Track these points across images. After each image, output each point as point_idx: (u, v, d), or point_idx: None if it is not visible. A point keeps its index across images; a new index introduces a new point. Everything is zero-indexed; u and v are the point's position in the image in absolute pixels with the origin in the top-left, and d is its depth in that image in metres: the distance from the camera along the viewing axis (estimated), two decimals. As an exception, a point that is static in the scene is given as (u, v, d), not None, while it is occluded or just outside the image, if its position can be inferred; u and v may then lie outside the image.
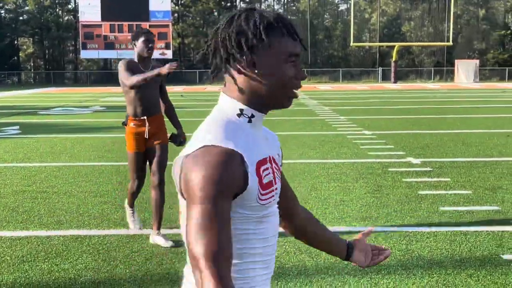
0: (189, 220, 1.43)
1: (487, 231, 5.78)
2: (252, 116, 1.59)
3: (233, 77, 1.56)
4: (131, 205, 5.75)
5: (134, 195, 5.69)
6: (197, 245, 1.39)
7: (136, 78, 5.03)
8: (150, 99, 5.35)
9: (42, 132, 15.26)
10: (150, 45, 5.25)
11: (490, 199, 7.06)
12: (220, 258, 1.37)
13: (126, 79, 5.09)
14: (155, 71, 4.98)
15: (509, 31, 65.55)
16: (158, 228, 5.42)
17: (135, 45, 5.27)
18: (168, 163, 5.27)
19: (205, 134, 1.52)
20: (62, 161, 10.37)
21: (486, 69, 60.04)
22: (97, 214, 6.57)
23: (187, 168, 1.46)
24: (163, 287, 4.41)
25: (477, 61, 57.12)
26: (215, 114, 1.59)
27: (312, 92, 36.48)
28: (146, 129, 5.32)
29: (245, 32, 1.51)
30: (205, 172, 1.42)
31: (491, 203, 6.86)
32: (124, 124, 5.44)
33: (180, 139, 5.62)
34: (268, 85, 1.56)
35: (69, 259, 5.03)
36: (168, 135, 5.59)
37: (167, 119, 5.66)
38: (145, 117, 5.32)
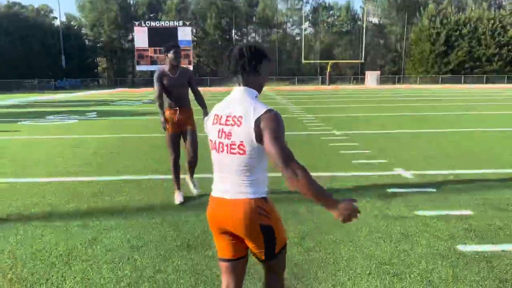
0: (279, 140, 1.71)
1: (379, 174, 5.80)
2: (257, 97, 1.86)
3: (251, 79, 1.84)
4: (178, 187, 4.78)
5: (175, 167, 4.75)
6: (286, 154, 1.71)
7: (156, 101, 4.62)
8: (179, 96, 4.62)
9: (111, 116, 14.99)
10: (178, 55, 4.57)
11: (382, 155, 7.06)
12: (301, 165, 1.74)
13: (154, 92, 4.65)
14: (161, 119, 4.60)
15: (398, 53, 65.36)
16: (191, 177, 4.83)
17: (167, 56, 4.55)
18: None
19: (257, 105, 1.77)
20: (122, 134, 10.21)
21: (384, 77, 59.92)
22: (142, 165, 6.49)
23: (271, 121, 1.72)
24: (182, 209, 4.37)
25: (379, 72, 56.99)
26: (246, 94, 1.82)
27: (278, 91, 36.25)
28: (177, 116, 4.61)
29: (264, 55, 1.85)
30: (281, 122, 1.75)
31: (382, 158, 6.86)
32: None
33: (205, 116, 5.08)
34: (261, 82, 1.88)
35: (123, 194, 4.97)
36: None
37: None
38: (177, 108, 4.62)
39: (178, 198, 4.67)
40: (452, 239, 3.53)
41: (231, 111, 1.79)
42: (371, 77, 55.06)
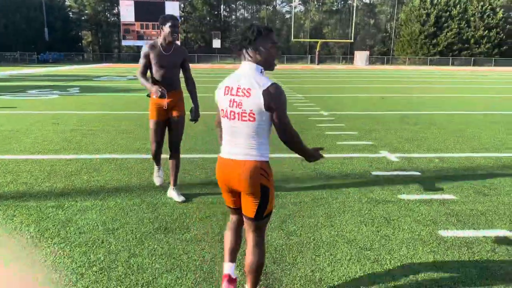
0: (284, 116, 2.02)
1: (364, 156, 5.75)
2: (263, 72, 2.07)
3: (256, 54, 2.04)
4: (158, 164, 4.30)
5: (156, 157, 4.19)
6: (289, 123, 2.04)
7: (139, 79, 3.90)
8: (169, 77, 3.90)
9: (94, 92, 14.63)
10: (175, 29, 3.83)
11: (367, 137, 7.02)
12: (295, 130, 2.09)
13: (138, 69, 3.93)
14: (148, 87, 3.76)
15: (387, 34, 65.03)
16: (174, 185, 4.12)
17: (162, 29, 3.83)
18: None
19: (262, 79, 2.01)
20: (104, 110, 9.95)
21: (373, 57, 59.77)
22: (123, 145, 6.33)
23: (276, 93, 1.98)
24: (162, 190, 4.26)
25: (368, 52, 56.76)
26: (250, 69, 2.04)
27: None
28: (165, 101, 3.91)
29: (260, 33, 2.04)
30: (284, 94, 2.02)
31: (367, 140, 6.81)
32: (148, 96, 4.02)
33: (193, 115, 4.04)
34: (263, 58, 2.05)
35: (101, 173, 4.82)
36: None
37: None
38: (165, 91, 3.84)
39: (157, 179, 4.34)
40: (434, 224, 3.49)
41: (240, 84, 2.03)
42: (360, 57, 54.83)
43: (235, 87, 2.04)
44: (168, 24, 3.80)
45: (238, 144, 2.09)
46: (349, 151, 6.04)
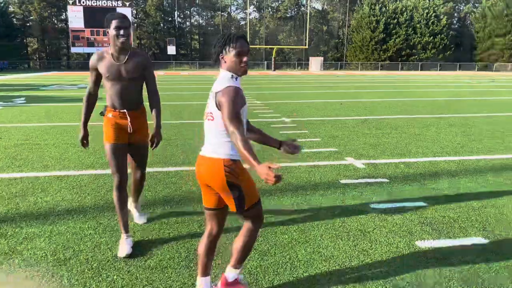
0: (227, 116, 2.02)
1: (330, 164, 5.63)
2: (236, 77, 2.17)
3: (223, 61, 2.17)
4: (126, 228, 3.14)
5: (120, 198, 3.12)
6: (231, 126, 2.01)
7: (84, 99, 3.37)
8: (126, 93, 3.09)
9: (41, 102, 13.71)
10: (121, 32, 2.90)
11: (331, 143, 6.94)
12: (241, 130, 2.00)
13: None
14: (81, 122, 3.46)
15: (340, 40, 66.76)
16: (135, 201, 3.63)
17: (108, 33, 2.96)
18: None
19: (223, 82, 2.12)
20: (53, 122, 9.28)
21: (327, 63, 61.12)
22: (75, 159, 5.84)
23: (223, 93, 2.07)
24: (118, 211, 3.88)
25: (322, 58, 57.97)
26: (223, 76, 2.16)
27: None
28: (129, 123, 3.11)
29: (225, 43, 2.15)
30: (233, 95, 2.06)
31: (332, 146, 6.73)
32: (102, 114, 3.25)
33: (154, 140, 3.24)
34: (229, 66, 2.16)
35: (51, 193, 4.36)
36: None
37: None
38: (125, 110, 3.11)
39: (124, 247, 3.03)
40: (410, 235, 3.39)
41: (212, 88, 2.19)
42: (315, 63, 55.90)
43: (211, 92, 2.22)
44: (113, 25, 2.91)
45: (207, 142, 2.24)
46: (315, 158, 5.91)
